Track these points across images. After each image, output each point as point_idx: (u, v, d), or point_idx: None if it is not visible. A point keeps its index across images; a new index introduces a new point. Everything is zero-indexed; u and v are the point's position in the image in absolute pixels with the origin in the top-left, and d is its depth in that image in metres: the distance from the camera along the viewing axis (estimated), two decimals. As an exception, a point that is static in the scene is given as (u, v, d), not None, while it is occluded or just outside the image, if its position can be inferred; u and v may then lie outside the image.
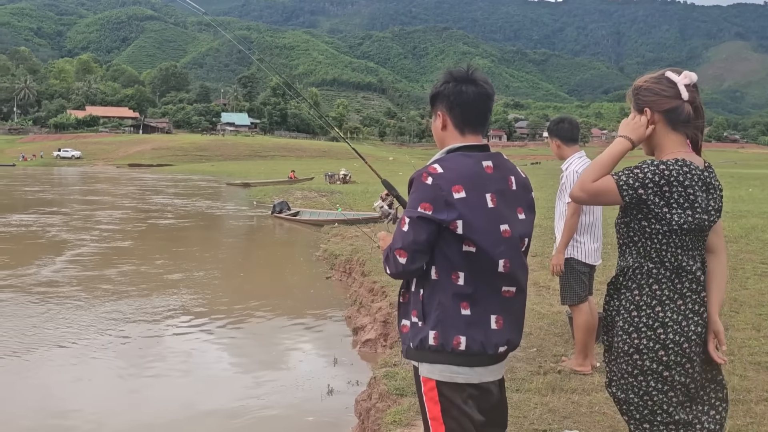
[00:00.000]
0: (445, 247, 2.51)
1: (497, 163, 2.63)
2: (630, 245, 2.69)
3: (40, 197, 34.07)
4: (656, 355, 2.59)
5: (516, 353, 5.93)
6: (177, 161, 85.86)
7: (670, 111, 2.65)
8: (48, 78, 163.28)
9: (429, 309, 2.55)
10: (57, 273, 12.95)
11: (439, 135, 2.73)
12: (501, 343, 2.55)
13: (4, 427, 5.99)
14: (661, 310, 2.60)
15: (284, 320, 9.84)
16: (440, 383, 2.53)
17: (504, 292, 2.57)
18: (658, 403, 2.63)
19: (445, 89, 2.66)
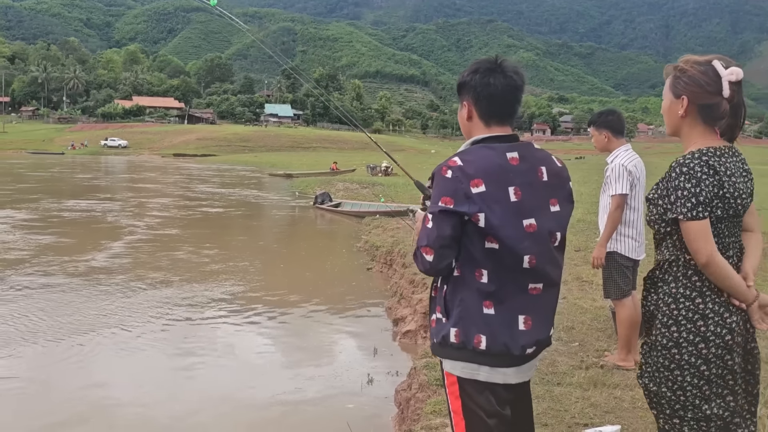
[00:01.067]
0: (468, 243, 2.44)
1: (524, 153, 2.53)
2: (666, 238, 2.64)
3: (94, 184, 35.55)
4: (696, 348, 2.54)
5: (558, 347, 5.91)
6: (220, 151, 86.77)
7: (707, 107, 2.58)
8: (96, 68, 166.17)
9: (451, 306, 2.51)
10: (112, 259, 13.24)
11: (464, 125, 2.67)
12: (529, 345, 2.49)
13: (52, 406, 6.15)
14: (702, 302, 2.55)
15: (325, 310, 9.92)
16: (461, 379, 2.51)
17: (531, 289, 2.50)
18: (691, 398, 2.58)
19: (472, 79, 2.58)
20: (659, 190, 2.62)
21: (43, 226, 17.73)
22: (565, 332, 6.37)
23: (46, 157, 74.04)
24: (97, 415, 6.07)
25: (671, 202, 2.52)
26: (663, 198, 2.59)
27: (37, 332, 8.23)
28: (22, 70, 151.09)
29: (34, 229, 17.01)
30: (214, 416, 6.09)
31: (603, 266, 5.31)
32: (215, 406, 6.35)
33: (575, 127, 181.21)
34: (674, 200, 2.51)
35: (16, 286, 10.61)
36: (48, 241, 15.35)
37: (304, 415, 6.11)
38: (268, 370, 7.39)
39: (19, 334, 8.11)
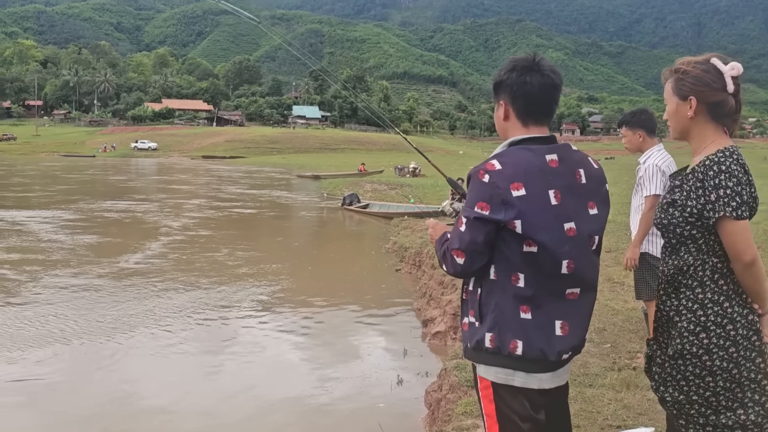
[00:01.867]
0: (504, 247, 2.40)
1: (563, 155, 2.48)
2: (688, 242, 2.56)
3: (129, 186, 36.85)
4: (727, 353, 2.48)
5: (589, 348, 5.86)
6: (249, 153, 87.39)
7: (715, 104, 2.55)
8: (127, 71, 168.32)
9: (486, 310, 2.46)
10: (149, 259, 13.42)
11: (501, 125, 2.61)
12: (565, 351, 2.45)
13: (85, 402, 6.24)
14: (729, 306, 2.50)
15: (354, 311, 9.94)
16: (496, 384, 2.47)
17: (568, 294, 2.45)
18: (724, 403, 2.52)
19: (509, 78, 2.52)
20: (684, 191, 2.57)
21: (86, 226, 18.31)
22: (596, 334, 6.32)
23: (78, 159, 75.12)
24: (127, 414, 6.14)
25: (712, 201, 2.46)
26: (693, 199, 2.53)
27: (73, 332, 8.37)
28: (54, 74, 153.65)
29: (76, 229, 17.58)
30: (245, 416, 6.13)
31: (636, 267, 5.24)
32: (246, 405, 6.39)
33: (605, 127, 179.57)
34: (715, 199, 2.44)
35: (57, 285, 10.79)
36: (90, 241, 15.84)
37: (335, 415, 6.13)
38: (298, 370, 7.42)
39: (56, 334, 8.25)
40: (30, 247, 14.59)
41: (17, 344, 7.84)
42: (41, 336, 8.19)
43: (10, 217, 19.84)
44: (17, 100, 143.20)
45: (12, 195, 28.37)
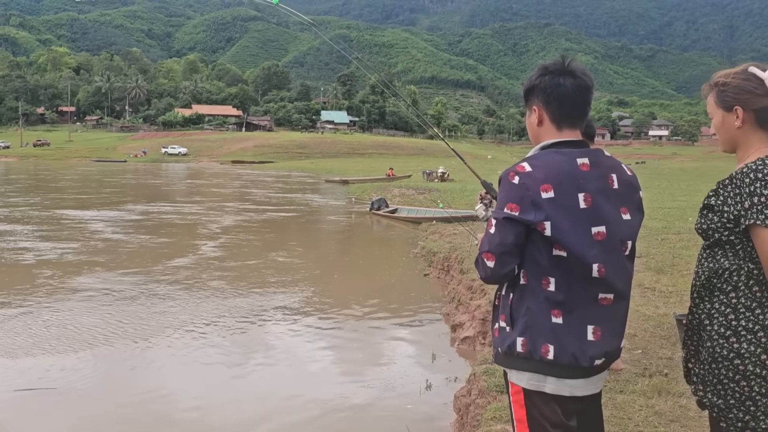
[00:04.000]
0: (534, 251, 2.39)
1: (595, 160, 2.47)
2: (726, 247, 2.55)
3: (169, 190, 39.62)
4: (759, 359, 2.47)
5: (621, 355, 5.81)
6: (278, 158, 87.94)
7: (761, 110, 2.54)
8: (157, 77, 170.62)
9: (517, 315, 2.46)
10: (185, 263, 13.56)
11: (534, 131, 2.60)
12: (598, 356, 2.42)
13: (117, 404, 6.32)
14: (761, 313, 2.48)
15: (383, 316, 9.95)
16: (527, 390, 2.45)
17: (601, 299, 2.43)
18: (762, 409, 2.52)
19: (542, 82, 2.52)
20: (723, 197, 2.56)
21: (137, 227, 19.63)
22: (627, 340, 6.26)
23: (111, 165, 76.24)
24: (158, 414, 6.22)
25: (746, 208, 2.46)
26: (730, 205, 2.53)
27: (108, 333, 8.49)
28: (86, 81, 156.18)
29: (129, 229, 18.67)
30: (272, 419, 6.17)
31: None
32: (274, 409, 6.43)
33: (635, 132, 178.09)
34: (750, 206, 2.44)
35: (92, 287, 10.96)
36: (139, 241, 16.77)
37: (363, 418, 6.14)
38: (327, 374, 7.45)
39: (93, 335, 8.39)
40: (84, 245, 14.87)
41: (53, 345, 7.98)
42: (77, 337, 8.33)
43: (77, 216, 22.59)
44: (51, 106, 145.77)
45: (69, 197, 31.39)
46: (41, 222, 20.84)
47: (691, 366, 2.77)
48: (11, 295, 10.57)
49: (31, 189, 37.30)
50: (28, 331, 8.59)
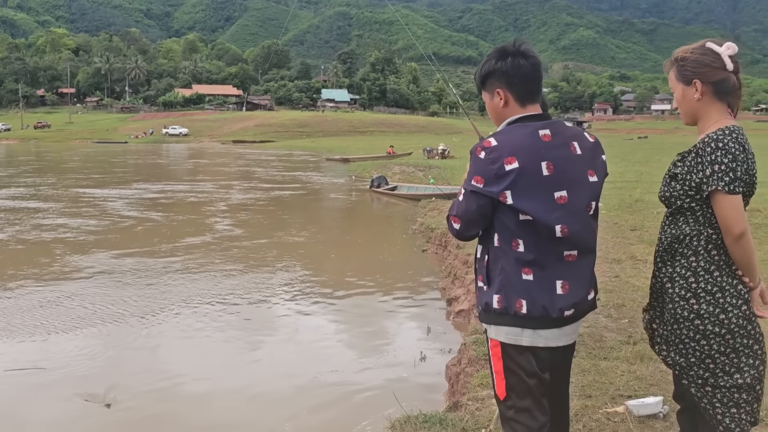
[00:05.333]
0: (503, 217, 2.61)
1: (556, 130, 2.67)
2: (687, 213, 2.73)
3: (177, 169, 41.06)
4: (717, 319, 2.65)
5: (607, 324, 5.98)
6: (278, 137, 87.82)
7: (718, 82, 2.69)
8: (157, 58, 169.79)
9: (493, 274, 2.69)
10: (190, 243, 13.72)
11: (499, 113, 2.79)
12: (567, 308, 2.63)
13: (121, 380, 6.48)
14: (719, 275, 2.66)
15: (381, 292, 10.12)
16: (505, 344, 2.68)
17: (566, 256, 2.64)
18: (721, 366, 2.69)
19: (502, 66, 2.71)
20: (686, 166, 2.72)
21: (157, 206, 20.32)
22: (615, 309, 6.43)
23: (113, 146, 76.25)
24: (164, 390, 6.39)
25: (707, 175, 2.61)
26: (692, 173, 2.68)
27: (113, 311, 8.67)
28: (86, 62, 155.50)
29: (144, 208, 18.84)
30: (272, 391, 6.34)
31: None
32: (274, 379, 6.61)
33: (638, 106, 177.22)
34: (711, 174, 2.59)
35: (100, 265, 11.14)
36: (159, 219, 17.11)
37: (357, 388, 6.29)
38: (324, 348, 7.61)
39: (99, 312, 8.57)
40: (106, 222, 15.05)
41: (61, 322, 8.15)
42: (85, 314, 8.51)
43: (98, 195, 23.89)
44: (51, 88, 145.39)
45: (83, 177, 32.58)
46: (65, 200, 21.98)
47: (655, 327, 2.93)
48: (19, 273, 10.76)
49: (43, 170, 38.11)
50: (27, 310, 8.77)
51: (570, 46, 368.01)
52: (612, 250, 9.38)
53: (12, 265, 11.58)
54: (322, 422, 5.46)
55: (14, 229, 15.52)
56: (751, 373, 2.70)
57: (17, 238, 14.27)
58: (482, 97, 2.86)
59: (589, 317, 6.25)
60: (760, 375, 2.73)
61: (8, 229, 15.61)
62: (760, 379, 2.73)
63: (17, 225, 16.20)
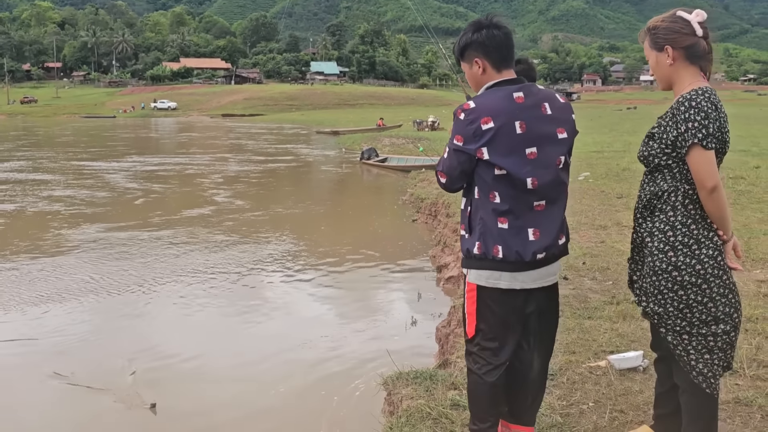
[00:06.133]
0: (481, 172, 2.91)
1: (528, 92, 2.94)
2: (664, 171, 2.89)
3: (168, 143, 41.51)
4: (694, 270, 2.82)
5: (592, 286, 6.17)
6: (268, 111, 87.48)
7: (689, 47, 2.86)
8: (144, 31, 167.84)
9: (474, 223, 2.99)
10: (182, 216, 13.83)
11: (477, 80, 3.07)
12: (539, 251, 2.92)
13: (114, 351, 6.61)
14: (695, 228, 2.83)
15: (372, 260, 10.27)
16: (481, 288, 2.97)
17: (536, 206, 2.92)
18: (698, 315, 2.86)
19: (479, 37, 2.99)
20: (662, 126, 2.89)
21: (154, 179, 20.41)
22: (600, 272, 6.62)
23: (102, 120, 75.78)
24: (158, 359, 6.52)
25: (681, 132, 2.78)
26: (668, 132, 2.84)
27: (104, 284, 8.79)
28: (72, 36, 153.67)
29: (143, 180, 19.16)
30: (266, 359, 6.48)
31: None
32: (266, 345, 6.76)
33: (627, 77, 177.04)
34: (685, 130, 2.76)
35: (91, 238, 11.25)
36: (159, 191, 17.22)
37: (350, 353, 6.45)
38: (317, 316, 7.75)
39: (88, 285, 8.68)
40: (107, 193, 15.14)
41: (50, 294, 8.27)
42: (76, 287, 8.62)
43: (99, 167, 24.37)
44: (37, 62, 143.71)
45: (80, 150, 33.34)
46: (68, 172, 22.61)
47: (635, 279, 3.11)
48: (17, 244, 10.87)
49: (39, 144, 38.44)
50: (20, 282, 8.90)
51: (559, 17, 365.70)
52: (599, 217, 9.56)
53: (19, 235, 11.69)
54: (316, 382, 5.61)
55: (26, 200, 15.97)
56: (725, 321, 2.87)
57: (27, 209, 14.36)
58: (462, 68, 3.14)
59: (575, 280, 6.46)
60: (735, 323, 2.90)
61: (20, 199, 16.07)
62: (735, 326, 2.90)
63: (28, 196, 16.74)
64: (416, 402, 3.95)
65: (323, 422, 4.85)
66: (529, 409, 3.26)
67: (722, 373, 2.96)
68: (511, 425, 3.28)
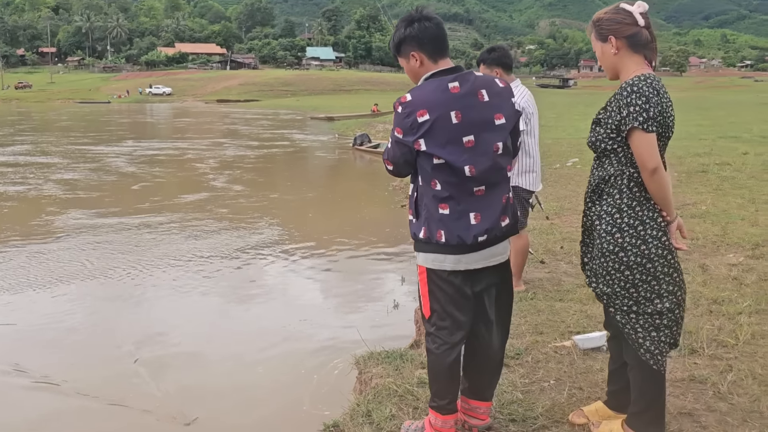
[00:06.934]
0: (421, 161, 3.04)
1: (464, 81, 3.03)
2: (611, 156, 3.02)
3: (165, 128, 41.75)
4: (639, 250, 2.95)
5: (567, 269, 6.31)
6: (263, 96, 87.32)
7: (631, 36, 2.99)
8: (138, 16, 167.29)
9: (420, 209, 3.15)
10: (173, 203, 13.92)
11: (416, 72, 3.16)
12: (480, 234, 3.05)
13: (108, 335, 6.72)
14: (641, 210, 2.96)
15: (358, 246, 10.36)
16: (430, 270, 3.13)
17: (476, 191, 3.04)
18: (643, 293, 3.00)
19: (411, 31, 3.10)
20: (607, 111, 3.02)
21: (154, 163, 20.89)
22: (576, 256, 6.72)
23: (97, 106, 75.62)
24: (155, 344, 6.62)
25: (623, 116, 2.91)
26: (612, 117, 2.97)
27: (98, 269, 8.89)
28: (66, 20, 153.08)
29: (144, 164, 19.95)
30: (243, 337, 6.58)
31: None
32: (246, 328, 6.85)
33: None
34: (626, 114, 2.89)
35: (85, 224, 11.34)
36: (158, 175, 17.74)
37: (330, 334, 6.56)
38: (298, 299, 7.82)
39: (84, 270, 8.76)
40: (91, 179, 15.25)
41: (47, 279, 8.37)
42: (72, 272, 8.69)
43: (101, 151, 25.02)
44: (31, 47, 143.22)
45: (80, 134, 33.98)
46: (74, 156, 22.89)
47: (586, 261, 3.24)
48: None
49: (38, 129, 38.70)
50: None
51: (556, 3, 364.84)
52: (582, 203, 9.67)
53: (12, 219, 11.81)
54: (295, 362, 5.72)
55: (31, 183, 16.26)
56: (670, 299, 3.01)
57: (30, 192, 14.45)
58: (400, 63, 3.23)
59: (551, 264, 6.60)
60: (679, 301, 3.04)
61: (25, 182, 16.28)
62: (679, 304, 3.04)
63: (37, 179, 17.01)
64: (385, 380, 4.09)
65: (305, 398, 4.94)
66: (488, 385, 3.40)
67: (668, 350, 3.10)
68: (470, 401, 3.42)
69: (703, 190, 10.98)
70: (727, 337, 4.51)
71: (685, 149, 16.71)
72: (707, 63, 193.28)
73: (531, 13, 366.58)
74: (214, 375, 5.56)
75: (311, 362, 5.63)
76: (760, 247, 7.02)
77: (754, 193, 10.44)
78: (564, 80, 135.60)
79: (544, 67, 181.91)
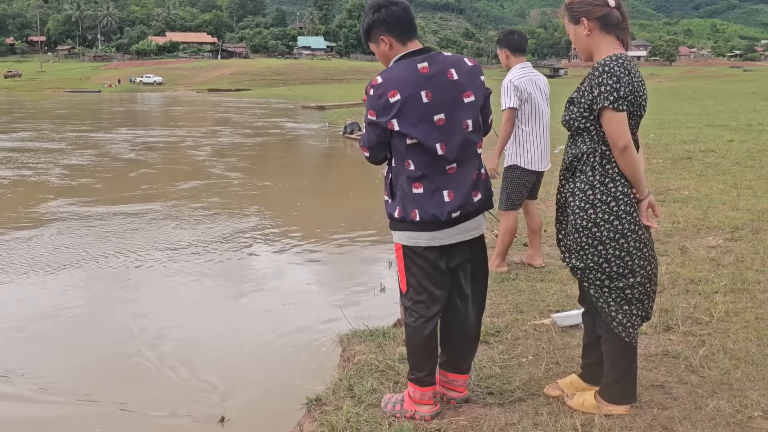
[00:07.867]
0: (395, 142, 3.14)
1: (433, 61, 3.11)
2: (584, 134, 3.11)
3: (158, 116, 42.29)
4: (612, 225, 3.05)
5: (550, 251, 6.41)
6: (254, 86, 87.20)
7: (603, 17, 3.08)
8: (129, 5, 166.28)
9: (395, 190, 3.25)
10: (165, 191, 13.96)
11: (387, 56, 3.24)
12: (453, 210, 3.14)
13: (99, 324, 6.77)
14: (613, 186, 3.05)
15: (346, 232, 10.42)
16: (405, 247, 3.25)
17: (448, 169, 3.14)
18: (615, 268, 3.10)
19: (379, 16, 3.18)
20: (580, 91, 3.11)
21: (152, 149, 21.28)
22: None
23: (88, 95, 75.29)
24: (146, 333, 6.68)
25: (595, 96, 3.00)
26: (585, 96, 3.06)
27: (89, 257, 8.94)
28: (56, 9, 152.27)
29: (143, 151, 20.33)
30: (228, 321, 6.66)
31: (502, 177, 5.97)
32: (231, 314, 6.92)
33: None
34: (598, 94, 2.99)
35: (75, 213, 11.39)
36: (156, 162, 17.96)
37: (316, 316, 6.62)
38: (285, 285, 7.86)
39: (74, 259, 8.81)
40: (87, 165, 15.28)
41: (38, 268, 8.41)
42: (64, 260, 8.71)
43: (103, 138, 25.59)
44: (20, 36, 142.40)
45: (78, 122, 34.65)
46: (78, 143, 23.31)
47: (560, 237, 3.34)
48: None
49: (35, 117, 38.92)
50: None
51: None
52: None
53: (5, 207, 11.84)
54: (282, 344, 5.80)
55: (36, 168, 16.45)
56: (641, 273, 3.11)
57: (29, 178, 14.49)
58: (371, 48, 3.31)
59: (535, 247, 6.67)
60: (650, 275, 3.14)
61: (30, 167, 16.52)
62: (650, 278, 3.15)
63: (33, 162, 17.32)
64: (367, 356, 4.20)
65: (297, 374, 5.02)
66: (465, 359, 3.50)
67: (640, 323, 3.21)
68: (448, 374, 3.52)
69: (687, 176, 11.11)
70: (702, 314, 4.63)
71: (672, 137, 16.86)
72: (697, 53, 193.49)
73: (522, 2, 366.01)
74: (203, 357, 5.64)
75: (299, 342, 5.72)
76: (739, 230, 7.15)
77: (736, 178, 10.58)
78: (555, 70, 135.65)
79: (535, 56, 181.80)
